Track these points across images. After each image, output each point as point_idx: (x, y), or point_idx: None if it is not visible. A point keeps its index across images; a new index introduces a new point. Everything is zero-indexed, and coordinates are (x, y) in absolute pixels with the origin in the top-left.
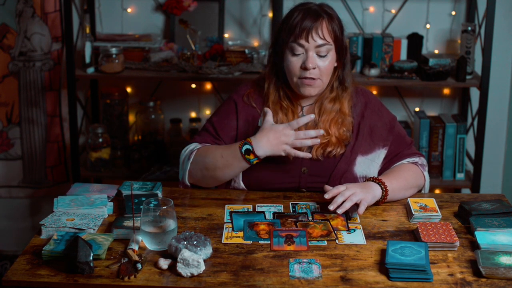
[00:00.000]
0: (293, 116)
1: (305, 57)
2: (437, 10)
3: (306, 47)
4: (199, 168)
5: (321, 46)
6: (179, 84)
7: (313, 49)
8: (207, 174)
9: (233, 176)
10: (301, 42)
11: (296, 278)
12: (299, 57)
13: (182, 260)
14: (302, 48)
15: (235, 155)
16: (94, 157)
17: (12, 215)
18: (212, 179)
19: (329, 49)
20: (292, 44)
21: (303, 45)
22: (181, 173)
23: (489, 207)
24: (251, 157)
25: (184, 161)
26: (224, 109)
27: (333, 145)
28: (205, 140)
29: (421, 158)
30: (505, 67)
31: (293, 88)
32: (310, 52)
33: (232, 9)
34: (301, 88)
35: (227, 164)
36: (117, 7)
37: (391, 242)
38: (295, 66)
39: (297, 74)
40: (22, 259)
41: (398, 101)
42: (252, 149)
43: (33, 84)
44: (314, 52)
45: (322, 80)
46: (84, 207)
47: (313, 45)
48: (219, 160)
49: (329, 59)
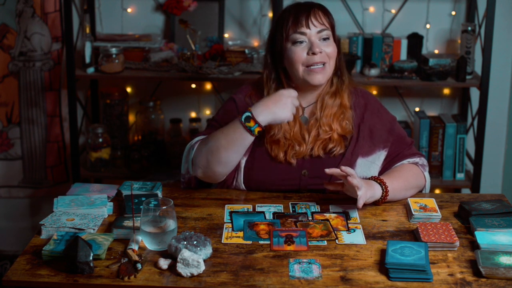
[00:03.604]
0: (295, 121)
1: (309, 44)
2: (437, 10)
3: (308, 34)
4: (203, 155)
5: (322, 31)
6: (179, 84)
7: (316, 35)
8: (211, 159)
9: (239, 157)
10: (303, 30)
11: (296, 278)
12: (303, 46)
13: (182, 260)
14: (304, 36)
15: (236, 127)
16: (94, 157)
17: (12, 215)
18: (218, 164)
19: (329, 35)
20: (293, 35)
21: (305, 32)
22: (185, 165)
23: (489, 207)
24: (251, 124)
25: (188, 152)
26: (225, 107)
27: (334, 141)
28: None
29: (421, 159)
30: (505, 67)
31: (298, 82)
32: (313, 38)
33: (232, 9)
34: (309, 77)
35: (230, 141)
36: (117, 7)
37: (391, 242)
38: (300, 55)
39: (304, 62)
40: (22, 259)
41: (398, 101)
42: (252, 115)
43: (33, 84)
44: (317, 38)
45: (329, 65)
46: (84, 207)
47: (315, 31)
48: (222, 138)
49: (331, 45)
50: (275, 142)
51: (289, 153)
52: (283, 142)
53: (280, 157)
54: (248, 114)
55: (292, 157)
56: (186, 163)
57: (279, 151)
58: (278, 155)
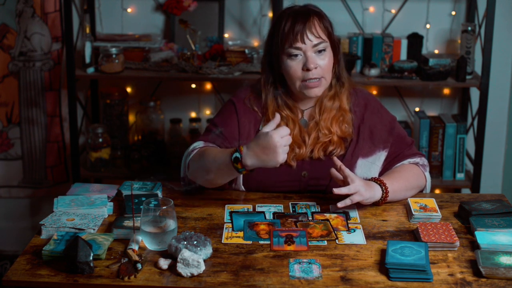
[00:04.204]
0: (294, 125)
1: (304, 59)
2: (437, 10)
3: (304, 49)
4: (196, 170)
5: (318, 44)
6: (179, 84)
7: (311, 49)
8: (201, 176)
9: (227, 181)
10: (298, 45)
11: (296, 278)
12: (298, 60)
13: (182, 260)
14: (299, 51)
15: (226, 161)
16: (94, 157)
17: (12, 215)
18: (208, 182)
19: (326, 46)
20: (289, 49)
21: (300, 47)
22: (183, 170)
23: (489, 207)
24: (238, 166)
25: (186, 158)
26: (224, 111)
27: (334, 144)
28: (209, 139)
29: (422, 159)
30: (505, 67)
31: (296, 93)
32: (308, 53)
33: (232, 9)
34: (305, 91)
35: (218, 169)
36: (117, 7)
37: (391, 242)
38: (296, 70)
39: (300, 77)
40: (22, 259)
41: (398, 101)
42: (240, 158)
43: (33, 84)
44: (312, 52)
45: (325, 79)
46: (84, 207)
47: (310, 45)
48: (212, 164)
49: (328, 56)
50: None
51: (289, 155)
52: None
53: None
54: (237, 156)
55: (292, 159)
56: (184, 168)
57: None
58: None
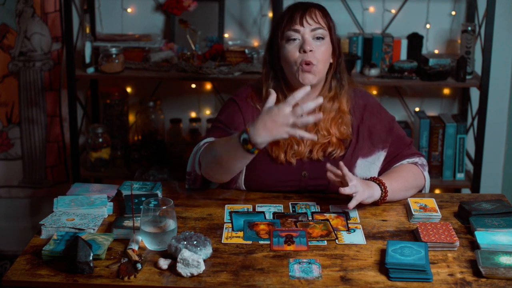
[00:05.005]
0: None
1: (302, 41)
2: (437, 10)
3: (302, 32)
4: (208, 162)
5: (316, 29)
6: (179, 84)
7: (309, 33)
8: (215, 166)
9: (242, 167)
10: (296, 27)
11: (296, 278)
12: (296, 44)
13: (182, 260)
14: (297, 34)
15: (236, 146)
16: (94, 157)
17: (12, 215)
18: (221, 172)
19: (325, 34)
20: (287, 32)
21: (298, 30)
22: (192, 164)
23: (489, 207)
24: (249, 147)
25: (196, 153)
26: (227, 108)
27: (333, 145)
28: (218, 135)
29: (421, 158)
30: (505, 67)
31: (293, 81)
32: (306, 35)
33: (232, 9)
34: (300, 76)
35: (231, 156)
36: (117, 7)
37: (391, 242)
38: (293, 53)
39: (297, 60)
40: (22, 259)
41: (398, 101)
42: (249, 138)
43: (33, 84)
44: (310, 36)
45: (318, 67)
46: (84, 207)
47: (309, 29)
48: (224, 152)
49: (325, 45)
50: (275, 143)
51: (288, 152)
52: (283, 142)
53: (281, 158)
54: (245, 137)
55: (291, 157)
56: (194, 162)
57: (279, 152)
58: (279, 156)
